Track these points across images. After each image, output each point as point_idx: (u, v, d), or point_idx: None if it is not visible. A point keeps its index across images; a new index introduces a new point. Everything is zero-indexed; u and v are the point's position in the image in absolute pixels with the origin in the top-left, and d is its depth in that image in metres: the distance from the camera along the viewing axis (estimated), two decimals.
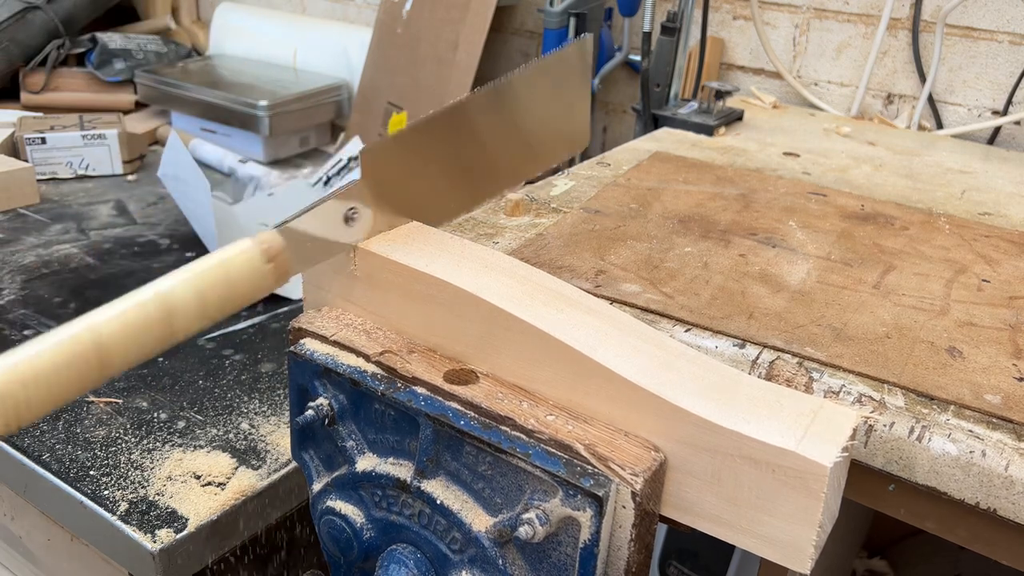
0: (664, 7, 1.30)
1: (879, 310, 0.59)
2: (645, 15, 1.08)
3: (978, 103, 1.16)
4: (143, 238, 1.17)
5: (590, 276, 0.62)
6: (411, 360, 0.52)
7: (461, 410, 0.48)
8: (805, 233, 0.72)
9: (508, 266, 0.53)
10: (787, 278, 0.63)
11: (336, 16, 1.79)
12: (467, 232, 0.69)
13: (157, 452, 0.75)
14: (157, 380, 0.85)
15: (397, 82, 1.47)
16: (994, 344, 0.56)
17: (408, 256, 0.52)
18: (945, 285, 0.64)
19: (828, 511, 0.42)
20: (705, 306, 0.58)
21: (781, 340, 0.54)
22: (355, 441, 0.53)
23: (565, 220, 0.72)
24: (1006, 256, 0.71)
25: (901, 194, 0.85)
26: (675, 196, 0.79)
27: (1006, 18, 1.11)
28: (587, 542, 0.44)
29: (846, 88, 1.25)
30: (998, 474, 0.45)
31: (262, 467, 0.74)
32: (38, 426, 0.77)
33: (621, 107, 1.48)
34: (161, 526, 0.67)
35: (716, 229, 0.72)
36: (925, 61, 1.17)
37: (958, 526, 0.49)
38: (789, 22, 1.27)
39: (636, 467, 0.44)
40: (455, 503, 0.49)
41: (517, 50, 1.56)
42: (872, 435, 0.48)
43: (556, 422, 0.47)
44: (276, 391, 0.85)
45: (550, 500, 0.45)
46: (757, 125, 1.10)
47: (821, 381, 0.51)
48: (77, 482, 0.71)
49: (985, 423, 0.48)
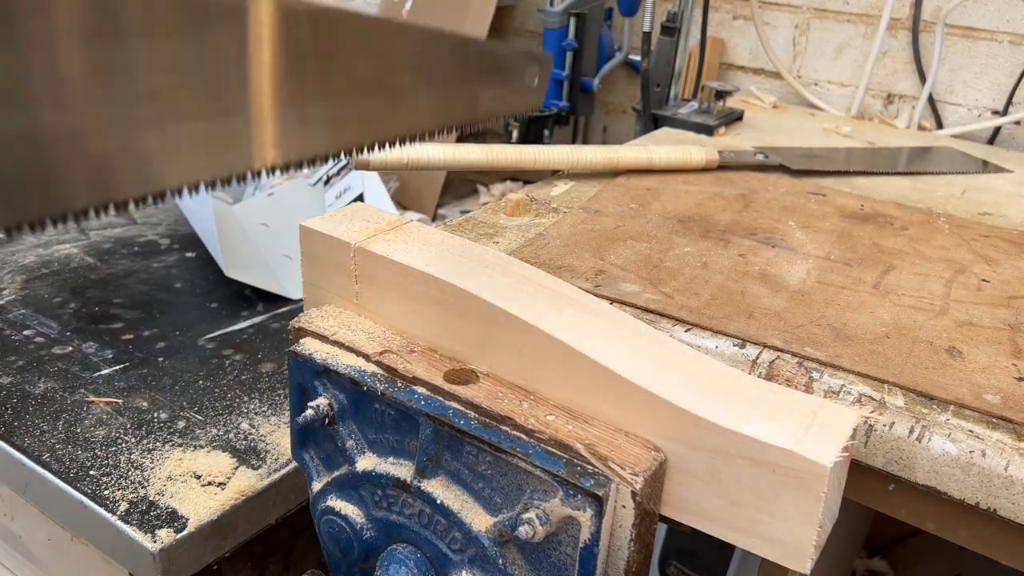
0: (664, 7, 1.30)
1: (879, 310, 0.59)
2: (645, 15, 1.08)
3: (978, 103, 1.16)
4: (143, 238, 1.17)
5: (590, 276, 0.62)
6: (411, 360, 0.52)
7: (461, 410, 0.48)
8: (805, 233, 0.72)
9: (508, 266, 0.53)
10: (787, 278, 0.63)
11: None
12: (467, 232, 0.69)
13: (157, 452, 0.75)
14: (157, 380, 0.85)
15: None
16: (994, 344, 0.56)
17: (408, 256, 0.52)
18: (945, 285, 0.64)
19: (828, 511, 0.42)
20: (705, 306, 0.58)
21: (781, 340, 0.54)
22: (355, 441, 0.53)
23: (565, 220, 0.72)
24: (1006, 256, 0.71)
25: (901, 194, 0.85)
26: (675, 196, 0.79)
27: (1006, 18, 1.11)
28: (587, 542, 0.44)
29: (846, 88, 1.25)
30: (998, 474, 0.45)
31: (262, 467, 0.74)
32: (38, 426, 0.77)
33: (621, 107, 1.48)
34: (161, 526, 0.67)
35: (716, 229, 0.72)
36: (925, 61, 1.17)
37: (958, 526, 0.49)
38: (789, 22, 1.27)
39: (636, 467, 0.44)
40: (455, 503, 0.49)
41: None
42: (872, 435, 0.48)
43: (556, 422, 0.47)
44: (276, 391, 0.85)
45: (550, 500, 0.45)
46: (757, 125, 1.10)
47: (821, 381, 0.51)
48: (77, 482, 0.71)
49: (985, 423, 0.48)
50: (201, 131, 0.36)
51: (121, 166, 0.34)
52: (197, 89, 0.35)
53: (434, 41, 0.47)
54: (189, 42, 0.34)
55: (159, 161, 0.35)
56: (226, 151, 0.37)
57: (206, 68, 0.34)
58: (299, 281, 0.58)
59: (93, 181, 0.33)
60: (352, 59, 0.42)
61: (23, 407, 0.80)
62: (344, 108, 0.43)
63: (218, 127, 0.36)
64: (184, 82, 0.34)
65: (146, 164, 0.34)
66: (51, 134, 0.30)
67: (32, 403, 0.80)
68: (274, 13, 0.37)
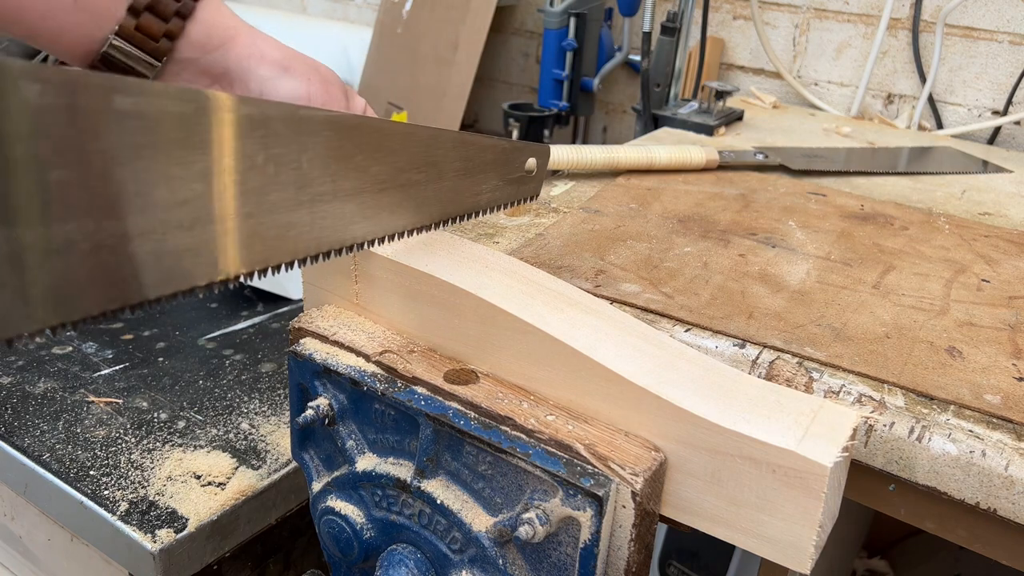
0: (664, 7, 1.30)
1: (879, 310, 0.59)
2: (645, 15, 1.08)
3: (978, 103, 1.16)
4: None
5: (590, 276, 0.62)
6: (411, 360, 0.52)
7: (461, 410, 0.48)
8: (805, 233, 0.72)
9: (508, 266, 0.53)
10: (787, 278, 0.63)
11: (336, 16, 1.79)
12: (467, 232, 0.69)
13: (157, 452, 0.75)
14: (157, 380, 0.85)
15: (397, 82, 1.47)
16: (994, 344, 0.56)
17: (408, 256, 0.52)
18: (945, 285, 0.64)
19: (828, 511, 0.42)
20: (705, 306, 0.58)
21: (781, 340, 0.54)
22: (355, 441, 0.53)
23: (565, 220, 0.72)
24: (1006, 256, 0.71)
25: (901, 194, 0.85)
26: (675, 196, 0.79)
27: (1006, 18, 1.11)
28: (587, 542, 0.44)
29: (846, 88, 1.25)
30: (998, 474, 0.45)
31: (262, 467, 0.74)
32: (38, 426, 0.77)
33: (621, 107, 1.48)
34: (161, 526, 0.67)
35: (716, 229, 0.72)
36: (925, 61, 1.17)
37: (958, 526, 0.49)
38: (789, 22, 1.27)
39: (636, 467, 0.44)
40: (455, 503, 0.49)
41: (517, 50, 1.56)
42: (872, 435, 0.48)
43: (556, 422, 0.47)
44: (276, 391, 0.85)
45: (550, 500, 0.45)
46: (757, 125, 1.10)
47: (821, 381, 0.51)
48: (77, 482, 0.71)
49: (985, 423, 0.48)
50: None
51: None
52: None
53: (436, 139, 0.49)
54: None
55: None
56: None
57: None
58: (299, 281, 0.58)
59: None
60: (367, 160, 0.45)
61: (23, 407, 0.80)
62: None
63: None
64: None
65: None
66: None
67: (32, 403, 0.80)
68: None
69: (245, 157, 0.38)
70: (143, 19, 0.49)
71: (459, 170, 0.51)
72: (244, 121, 0.37)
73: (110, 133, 0.32)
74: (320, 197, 0.43)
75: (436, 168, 0.49)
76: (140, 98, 0.33)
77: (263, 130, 0.38)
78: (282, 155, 0.40)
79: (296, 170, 0.41)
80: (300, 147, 0.40)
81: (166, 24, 0.50)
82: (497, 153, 0.53)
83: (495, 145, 0.53)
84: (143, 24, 0.49)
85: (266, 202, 0.40)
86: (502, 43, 1.57)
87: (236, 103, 0.37)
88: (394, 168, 0.46)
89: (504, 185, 0.55)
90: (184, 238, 0.37)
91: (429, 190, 0.49)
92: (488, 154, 0.53)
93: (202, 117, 0.35)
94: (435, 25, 1.42)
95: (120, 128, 0.33)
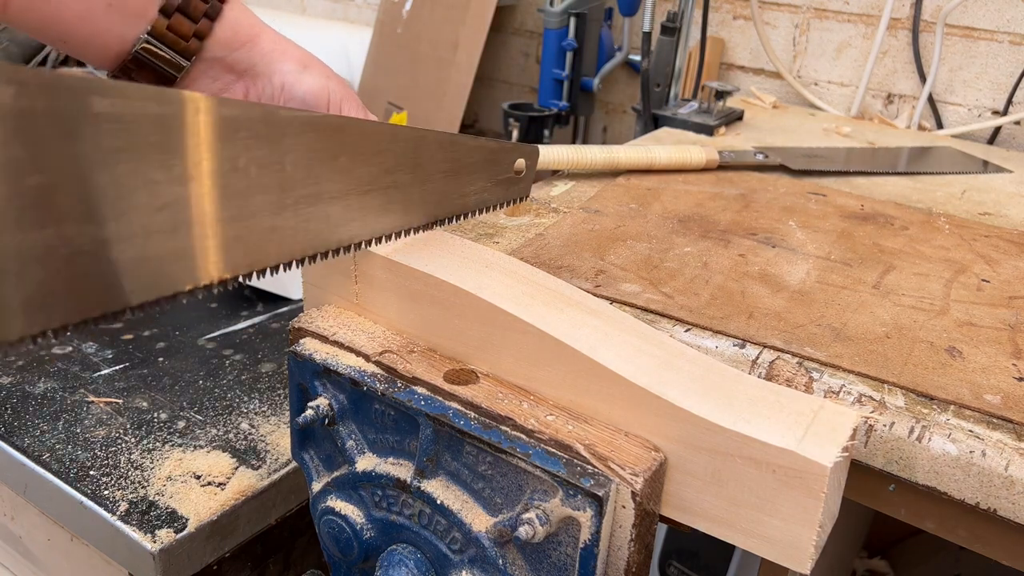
0: (664, 7, 1.30)
1: (879, 310, 0.59)
2: (645, 15, 1.08)
3: (978, 103, 1.16)
4: None
5: (590, 276, 0.62)
6: (411, 360, 0.52)
7: (461, 410, 0.48)
8: (805, 233, 0.72)
9: (508, 266, 0.53)
10: (787, 278, 0.63)
11: (336, 16, 1.79)
12: (467, 232, 0.69)
13: (157, 452, 0.75)
14: (157, 380, 0.85)
15: (397, 82, 1.47)
16: (994, 344, 0.56)
17: (408, 256, 0.52)
18: (945, 285, 0.64)
19: (828, 511, 0.42)
20: (705, 306, 0.58)
21: (781, 340, 0.54)
22: (355, 441, 0.53)
23: (565, 220, 0.72)
24: (1006, 256, 0.71)
25: (901, 194, 0.85)
26: (675, 196, 0.79)
27: (1006, 18, 1.11)
28: (587, 542, 0.44)
29: (846, 88, 1.25)
30: (998, 474, 0.45)
31: (262, 467, 0.74)
32: (38, 426, 0.77)
33: (621, 107, 1.48)
34: (161, 526, 0.67)
35: (716, 229, 0.72)
36: (925, 61, 1.17)
37: (958, 526, 0.49)
38: (789, 22, 1.27)
39: (636, 467, 0.44)
40: (455, 503, 0.49)
41: (517, 50, 1.56)
42: (872, 435, 0.48)
43: (556, 422, 0.47)
44: (276, 391, 0.85)
45: (550, 500, 0.45)
46: (757, 125, 1.10)
47: (821, 381, 0.51)
48: (77, 482, 0.71)
49: (985, 423, 0.48)
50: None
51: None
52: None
53: (421, 140, 0.49)
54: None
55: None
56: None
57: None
58: (299, 281, 0.58)
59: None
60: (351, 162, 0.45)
61: (23, 407, 0.80)
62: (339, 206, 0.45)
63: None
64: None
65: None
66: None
67: (32, 403, 0.80)
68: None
69: (226, 159, 0.37)
70: (174, 19, 0.50)
71: (446, 171, 0.51)
72: (223, 123, 0.37)
73: (87, 136, 0.32)
74: (304, 200, 0.42)
75: (422, 169, 0.49)
76: (117, 99, 0.32)
77: (244, 132, 0.38)
78: (264, 157, 0.39)
79: (279, 172, 0.40)
80: (282, 149, 0.40)
81: (195, 24, 0.51)
82: (485, 154, 0.53)
83: (482, 146, 0.53)
84: (174, 24, 0.50)
85: (249, 205, 0.39)
86: (502, 43, 1.57)
87: (214, 104, 0.36)
88: (379, 169, 0.46)
89: (493, 186, 0.55)
90: (166, 243, 0.36)
91: (416, 191, 0.49)
92: (475, 155, 0.53)
93: (180, 119, 0.35)
94: (435, 25, 1.42)
95: (97, 131, 0.32)
